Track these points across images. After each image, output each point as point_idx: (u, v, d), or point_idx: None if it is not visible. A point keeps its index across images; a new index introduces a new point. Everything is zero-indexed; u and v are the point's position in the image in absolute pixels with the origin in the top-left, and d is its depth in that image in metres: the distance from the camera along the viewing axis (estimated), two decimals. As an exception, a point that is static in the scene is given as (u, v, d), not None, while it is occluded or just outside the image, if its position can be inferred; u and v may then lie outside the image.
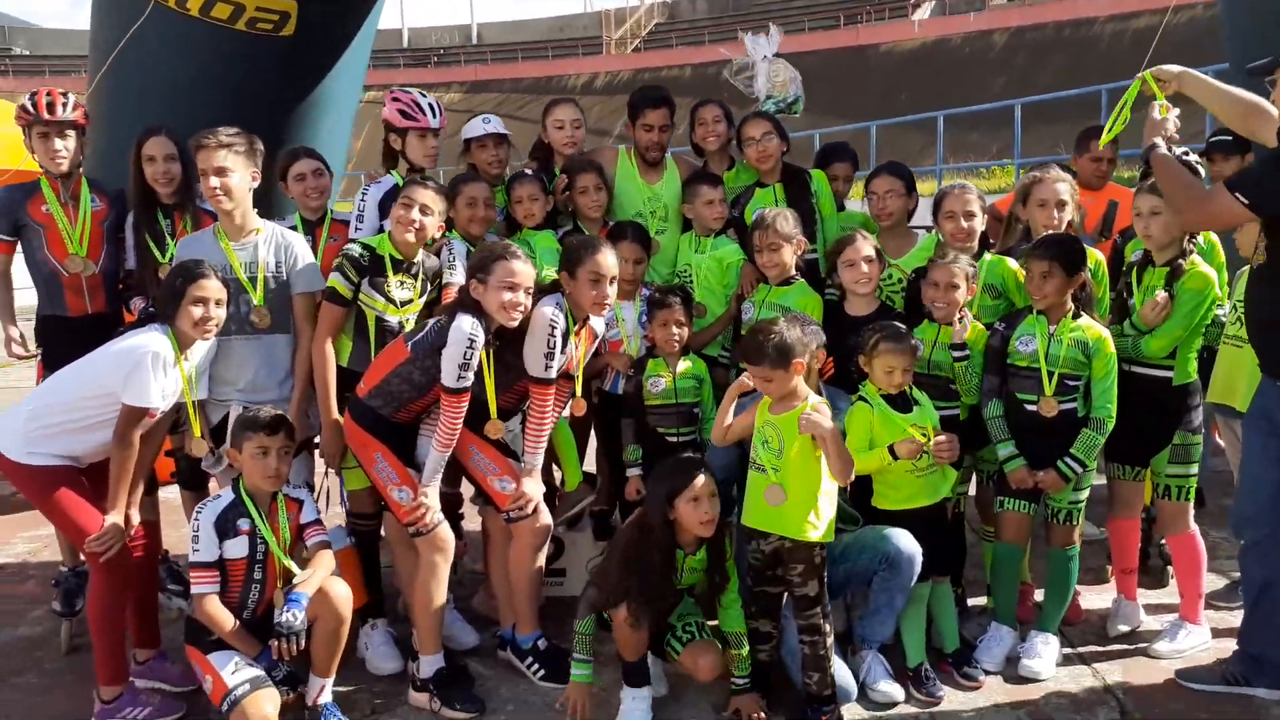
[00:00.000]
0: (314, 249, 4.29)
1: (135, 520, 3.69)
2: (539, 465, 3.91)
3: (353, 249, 3.95)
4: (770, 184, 4.71)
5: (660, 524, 3.51)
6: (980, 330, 4.06)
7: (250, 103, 5.42)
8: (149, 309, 4.28)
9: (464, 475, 4.20)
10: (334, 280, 3.92)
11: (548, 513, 3.95)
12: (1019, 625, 4.10)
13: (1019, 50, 40.93)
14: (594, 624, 3.67)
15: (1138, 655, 4.03)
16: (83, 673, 3.82)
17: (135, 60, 5.47)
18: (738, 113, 4.87)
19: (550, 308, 3.73)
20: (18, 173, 5.06)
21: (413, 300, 4.05)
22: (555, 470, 4.57)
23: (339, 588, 3.55)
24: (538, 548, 3.90)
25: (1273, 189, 3.37)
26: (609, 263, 3.78)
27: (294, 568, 3.60)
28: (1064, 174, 4.27)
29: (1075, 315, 3.90)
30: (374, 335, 3.98)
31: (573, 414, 4.22)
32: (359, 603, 3.77)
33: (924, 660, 3.82)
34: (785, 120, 4.94)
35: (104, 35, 5.75)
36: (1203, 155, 4.58)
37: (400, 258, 3.99)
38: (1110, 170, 5.07)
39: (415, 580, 3.77)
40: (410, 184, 4.05)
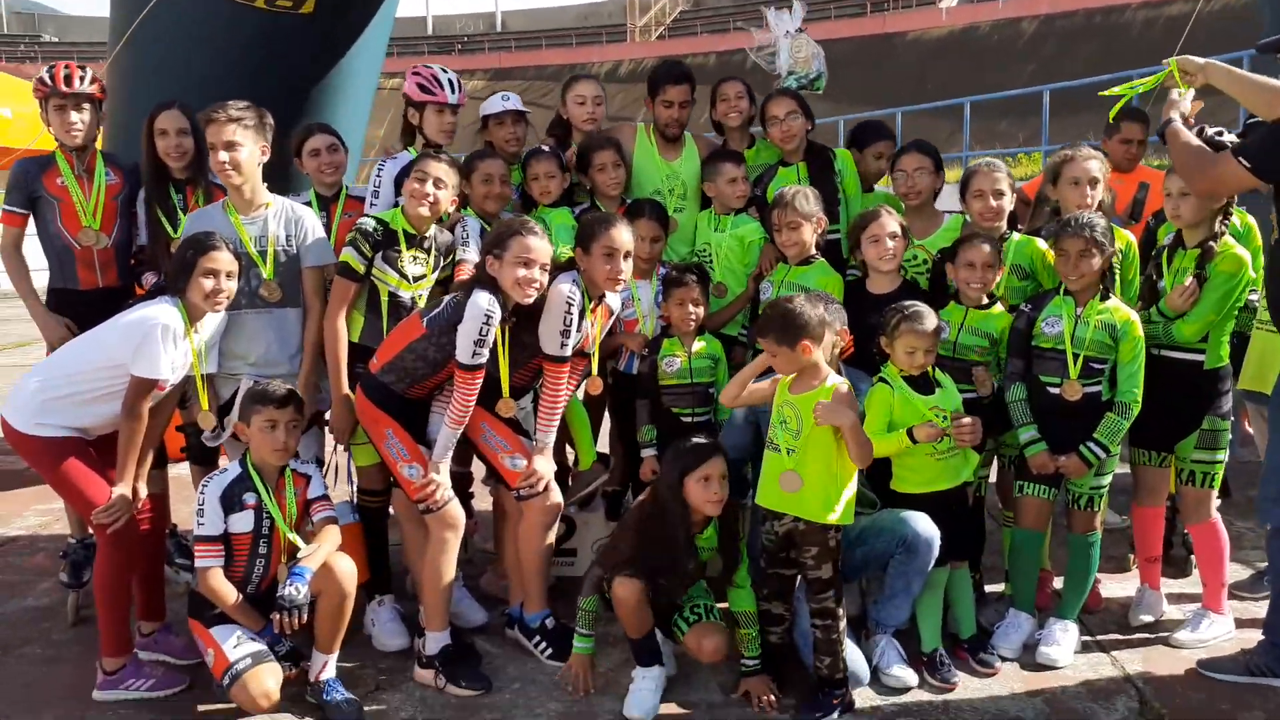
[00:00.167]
0: (329, 225, 4.25)
1: (143, 493, 3.68)
2: (551, 443, 3.87)
3: (366, 223, 3.91)
4: (794, 163, 4.64)
5: (670, 500, 3.49)
6: (1004, 314, 3.97)
7: (268, 80, 5.40)
8: (160, 284, 4.25)
9: (475, 454, 4.16)
10: (347, 255, 3.88)
11: (558, 491, 3.90)
12: (1038, 612, 4.02)
13: (1048, 38, 40.32)
14: (598, 601, 3.63)
15: (1158, 644, 3.95)
16: (89, 644, 3.81)
17: (153, 35, 5.46)
18: (761, 96, 4.78)
19: (567, 284, 3.68)
20: (29, 150, 5.04)
21: (425, 276, 4.01)
22: (569, 450, 4.53)
23: (344, 563, 3.52)
24: (548, 525, 3.87)
25: (1276, 153, 3.32)
26: (623, 237, 3.72)
27: (299, 542, 3.58)
28: (1095, 151, 4.18)
29: (1104, 297, 3.81)
30: (386, 310, 3.95)
31: (588, 393, 4.17)
32: (362, 579, 3.74)
33: (939, 646, 3.75)
34: (808, 98, 4.85)
35: (122, 17, 5.73)
36: (1240, 137, 4.46)
37: (414, 232, 3.95)
38: (1140, 153, 4.95)
39: (424, 557, 3.74)
40: (423, 157, 4.01)
